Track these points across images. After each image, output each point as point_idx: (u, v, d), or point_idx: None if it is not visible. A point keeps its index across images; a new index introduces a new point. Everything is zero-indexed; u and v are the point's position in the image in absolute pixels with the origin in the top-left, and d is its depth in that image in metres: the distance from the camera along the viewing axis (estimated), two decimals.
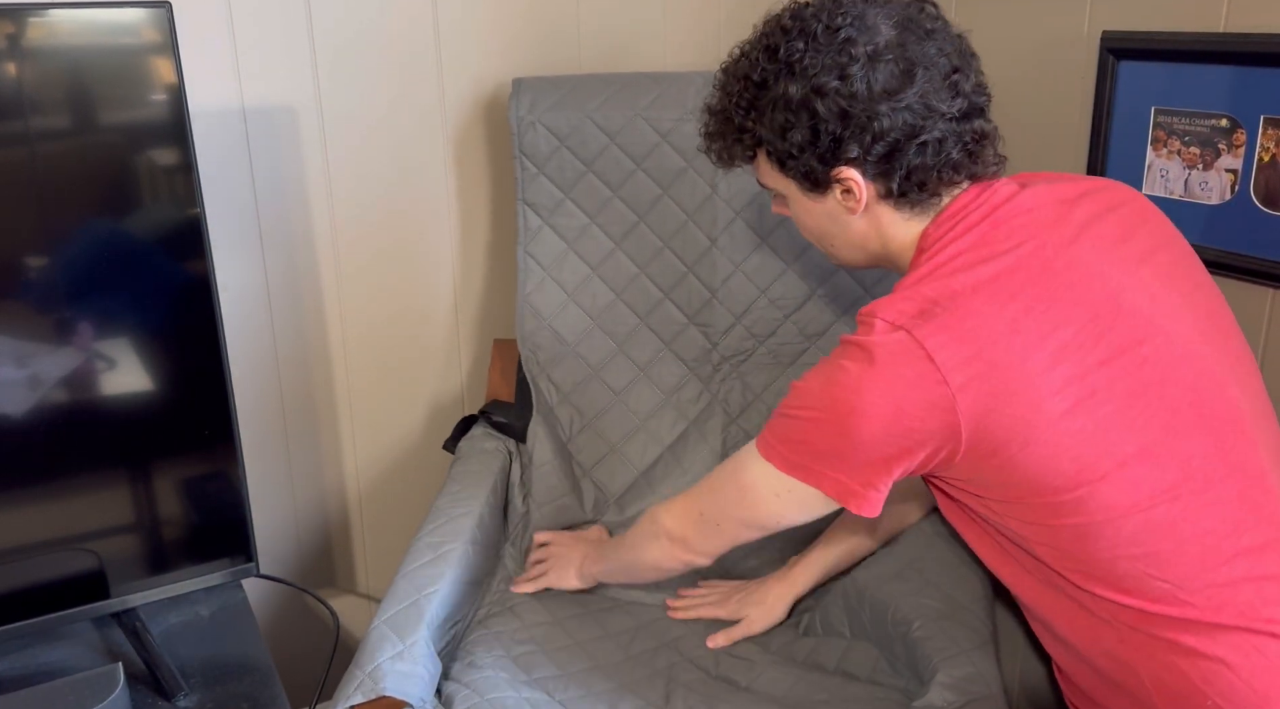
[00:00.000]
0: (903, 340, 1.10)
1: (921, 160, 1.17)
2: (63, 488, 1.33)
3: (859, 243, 1.28)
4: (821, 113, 1.16)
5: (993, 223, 1.18)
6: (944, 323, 1.10)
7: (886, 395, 1.10)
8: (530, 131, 1.75)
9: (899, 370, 1.10)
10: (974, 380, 1.09)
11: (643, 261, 1.79)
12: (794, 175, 1.24)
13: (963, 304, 1.11)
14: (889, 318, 1.13)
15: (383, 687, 1.27)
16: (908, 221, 1.24)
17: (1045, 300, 1.12)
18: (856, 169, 1.19)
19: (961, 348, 1.09)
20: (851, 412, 1.12)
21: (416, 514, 2.02)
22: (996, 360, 1.09)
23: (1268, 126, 1.41)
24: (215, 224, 1.70)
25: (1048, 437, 1.09)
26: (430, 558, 1.47)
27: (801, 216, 1.30)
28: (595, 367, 1.81)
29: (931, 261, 1.17)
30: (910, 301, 1.13)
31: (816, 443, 1.17)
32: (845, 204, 1.23)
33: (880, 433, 1.12)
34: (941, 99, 1.17)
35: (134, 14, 1.24)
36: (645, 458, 1.76)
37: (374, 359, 1.92)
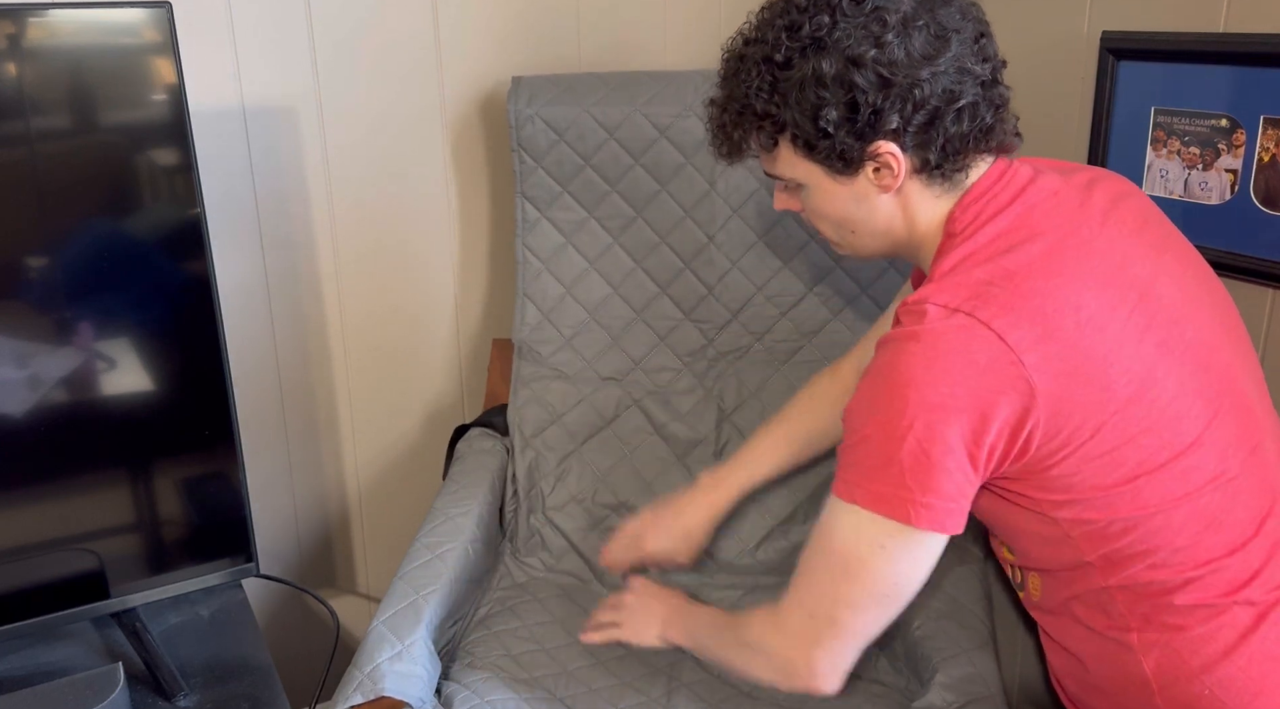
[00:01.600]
0: (966, 323, 1.05)
1: (958, 127, 1.12)
2: (63, 488, 1.33)
3: (883, 227, 1.21)
4: (860, 84, 1.09)
5: (1024, 204, 1.15)
6: (1007, 303, 1.06)
7: (964, 382, 1.04)
8: (529, 125, 1.74)
9: (970, 355, 1.04)
10: (1048, 361, 1.04)
11: (640, 256, 1.79)
12: (822, 158, 1.16)
13: (1022, 284, 1.07)
14: (943, 302, 1.07)
15: (381, 687, 1.27)
16: (937, 200, 1.18)
17: (1100, 281, 1.09)
18: (895, 142, 1.13)
19: (1031, 328, 1.05)
20: (930, 407, 1.05)
21: (416, 514, 2.02)
22: (1067, 341, 1.05)
23: (1267, 126, 1.41)
24: (215, 224, 1.70)
25: (1115, 423, 1.06)
26: (428, 558, 1.48)
27: (820, 204, 1.22)
28: (590, 359, 1.81)
29: (970, 243, 1.13)
30: (961, 285, 1.08)
31: (898, 458, 1.06)
32: (878, 182, 1.16)
33: (964, 426, 1.05)
34: (974, 62, 1.13)
35: (134, 14, 1.23)
36: (637, 439, 1.76)
37: (374, 359, 1.91)
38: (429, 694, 1.33)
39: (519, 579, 1.68)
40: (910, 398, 1.05)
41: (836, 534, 1.13)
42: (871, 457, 1.08)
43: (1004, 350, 1.04)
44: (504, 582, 1.66)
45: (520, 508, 1.74)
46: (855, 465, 1.10)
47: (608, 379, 1.80)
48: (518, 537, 1.72)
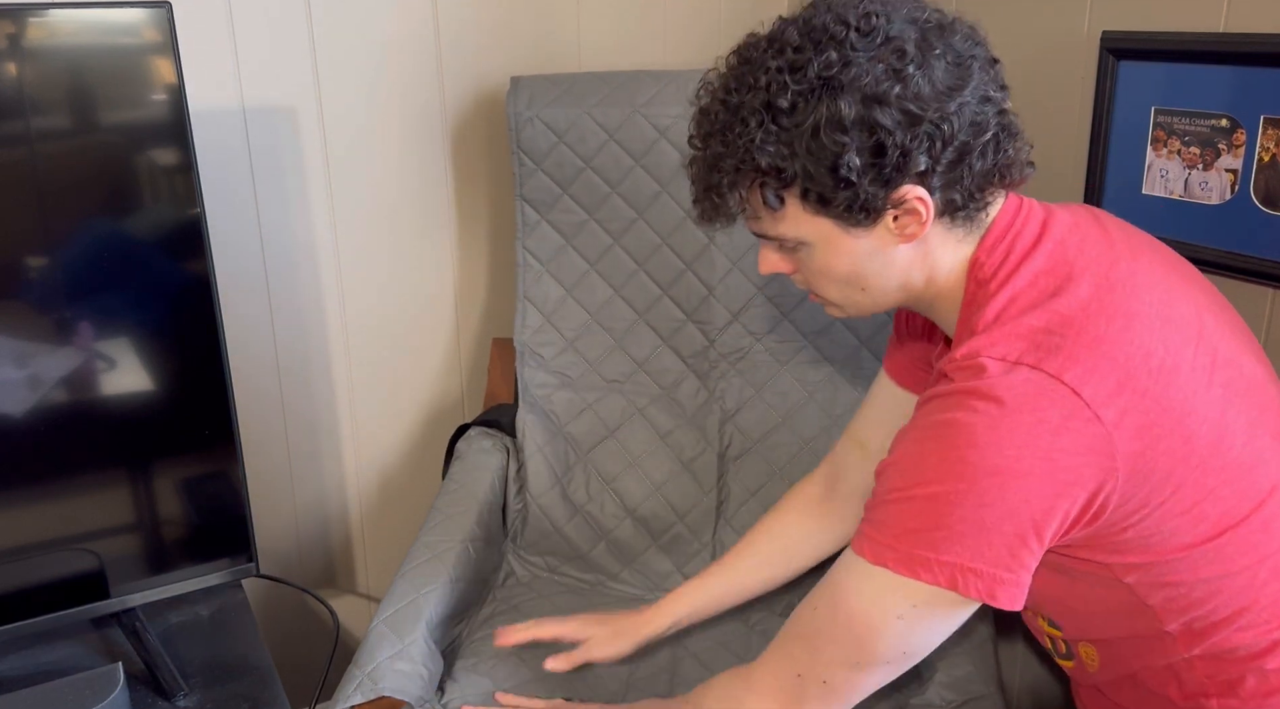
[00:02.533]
0: (1034, 378, 0.95)
1: (984, 163, 1.03)
2: (63, 488, 1.33)
3: (899, 280, 1.10)
4: (886, 124, 0.98)
5: (1052, 240, 1.06)
6: (1073, 353, 0.96)
7: (1033, 444, 0.93)
8: (528, 127, 1.74)
9: (1040, 413, 0.94)
10: (1126, 415, 0.95)
11: (641, 258, 1.79)
12: (839, 211, 1.03)
13: (1085, 330, 0.97)
14: (1001, 355, 0.97)
15: (381, 687, 1.27)
16: (959, 244, 1.08)
17: (1160, 319, 1.00)
18: (923, 185, 1.02)
19: (1105, 380, 0.95)
20: (993, 471, 0.94)
21: (417, 514, 2.02)
22: (1143, 391, 0.96)
23: (1268, 126, 1.41)
24: (215, 224, 1.70)
25: (1196, 477, 0.97)
26: (428, 557, 1.48)
27: (827, 261, 1.09)
28: (593, 361, 1.81)
29: (1008, 289, 1.03)
30: (1016, 335, 0.99)
31: (948, 523, 0.95)
32: (901, 231, 1.05)
33: (1031, 492, 0.94)
34: (993, 90, 1.04)
35: (134, 14, 1.23)
36: (640, 445, 1.76)
37: (374, 359, 1.92)
38: (430, 692, 1.33)
39: (523, 578, 1.68)
40: (970, 460, 0.95)
41: (852, 597, 1.02)
42: (913, 517, 0.97)
43: (1079, 406, 0.94)
44: (509, 581, 1.66)
45: (526, 511, 1.73)
46: (888, 525, 0.99)
47: (611, 382, 1.80)
48: (522, 537, 1.72)
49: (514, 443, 1.78)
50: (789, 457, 1.73)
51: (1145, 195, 1.56)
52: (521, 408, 1.79)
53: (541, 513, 1.73)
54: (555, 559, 1.71)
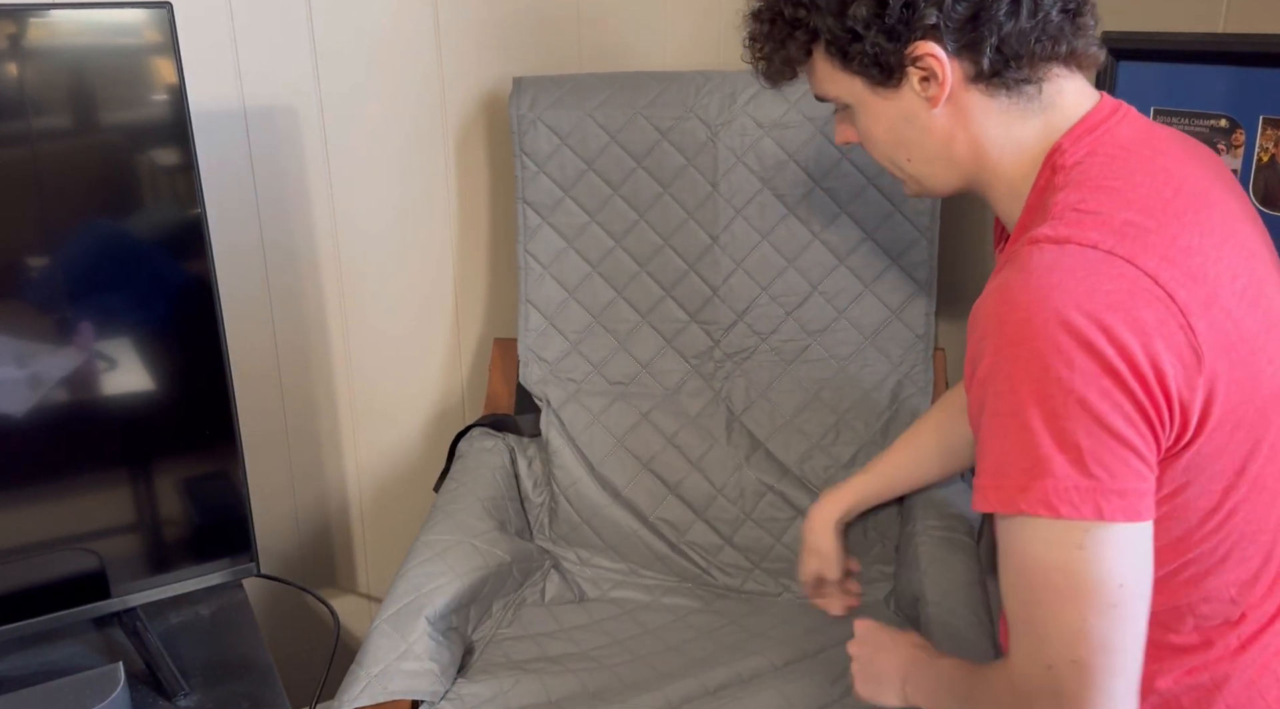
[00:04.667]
0: (1121, 266, 0.88)
1: (1014, 24, 0.96)
2: (63, 488, 1.33)
3: (943, 149, 1.05)
4: None
5: (1150, 147, 0.99)
6: (1166, 254, 0.89)
7: (1131, 330, 0.85)
8: (531, 130, 1.75)
9: (1134, 303, 0.86)
10: (1213, 330, 0.88)
11: (643, 259, 1.79)
12: (860, 67, 1.02)
13: (1178, 234, 0.91)
14: (1082, 239, 0.89)
15: (392, 689, 1.27)
16: (1008, 117, 1.01)
17: (1248, 252, 0.95)
18: (936, 42, 0.97)
19: (1196, 289, 0.89)
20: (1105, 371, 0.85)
21: (417, 514, 2.02)
22: (1228, 312, 0.90)
23: (1267, 127, 1.41)
24: (215, 224, 1.70)
25: (1257, 421, 0.92)
26: (429, 555, 1.48)
27: (871, 128, 1.07)
28: (597, 364, 1.81)
29: (1095, 177, 0.95)
30: (1098, 220, 0.91)
31: (1069, 437, 0.87)
32: (925, 93, 1.01)
33: (1133, 386, 0.86)
34: None
35: (134, 14, 1.24)
36: (649, 450, 1.76)
37: (374, 359, 1.92)
38: (444, 684, 1.33)
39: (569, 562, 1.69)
40: (1074, 360, 0.86)
41: (1020, 556, 0.92)
42: (1027, 449, 0.88)
43: (1174, 310, 0.87)
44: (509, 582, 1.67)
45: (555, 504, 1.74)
46: (1004, 468, 0.91)
47: (615, 384, 1.80)
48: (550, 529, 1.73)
49: (521, 442, 1.78)
50: (798, 456, 1.73)
51: None
52: (545, 408, 1.78)
53: (570, 508, 1.73)
54: (586, 551, 1.72)
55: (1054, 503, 0.87)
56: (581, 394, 1.80)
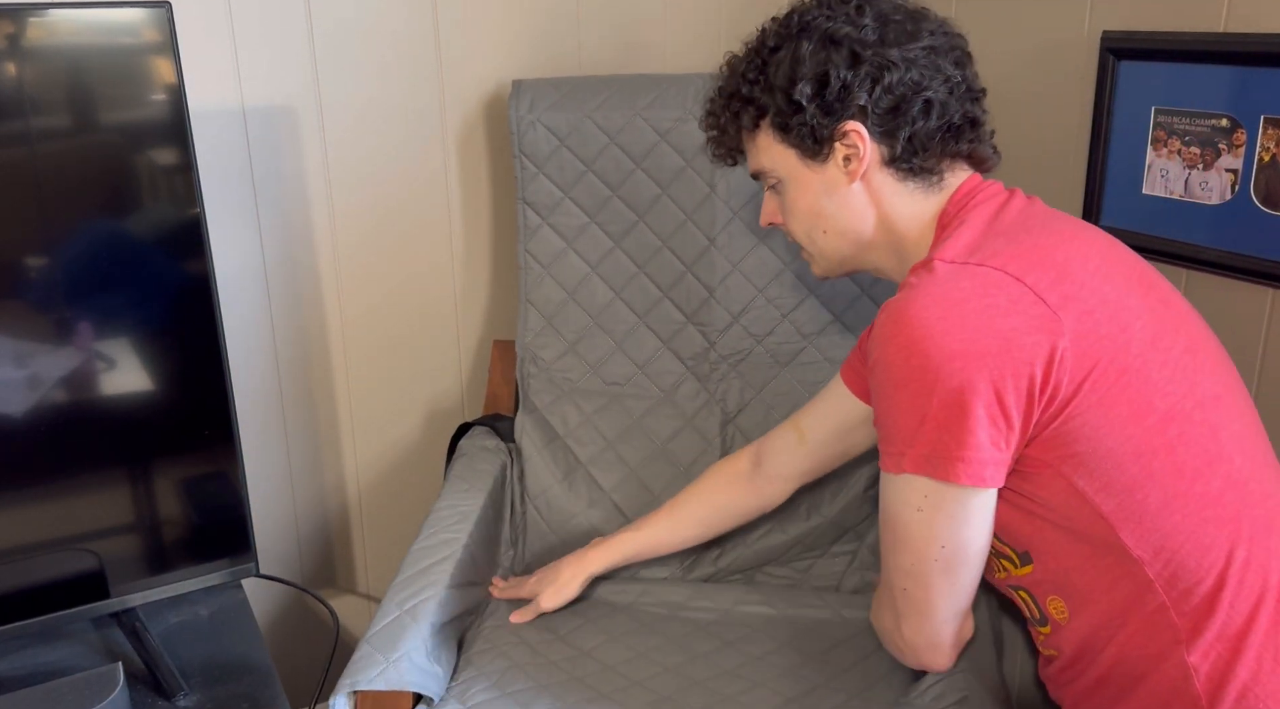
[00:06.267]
0: (978, 271, 1.08)
1: (925, 123, 1.19)
2: (63, 488, 1.33)
3: (854, 222, 1.26)
4: (834, 59, 1.18)
5: (1017, 200, 1.20)
6: (1016, 253, 1.09)
7: (984, 327, 1.05)
8: (530, 131, 1.75)
9: (989, 299, 1.06)
10: (1068, 301, 1.06)
11: (642, 260, 1.79)
12: (795, 139, 1.23)
13: (1026, 240, 1.11)
14: (950, 258, 1.11)
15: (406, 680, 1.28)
16: (913, 198, 1.23)
17: (1101, 250, 1.13)
18: (862, 123, 1.19)
19: (1045, 272, 1.07)
20: (949, 356, 1.05)
21: (416, 514, 2.02)
22: (1082, 283, 1.08)
23: (1268, 126, 1.41)
24: (215, 224, 1.70)
25: (1139, 366, 1.06)
26: (426, 565, 1.47)
27: (795, 198, 1.28)
28: (594, 364, 1.81)
29: (966, 227, 1.16)
30: (963, 246, 1.12)
31: (929, 415, 1.07)
32: (846, 169, 1.22)
33: (990, 368, 1.04)
34: (947, 63, 1.20)
35: (134, 14, 1.24)
36: (640, 454, 1.76)
37: (374, 359, 1.92)
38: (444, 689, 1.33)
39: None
40: (930, 350, 1.05)
41: (886, 505, 1.16)
42: (903, 420, 1.09)
43: (1024, 290, 1.06)
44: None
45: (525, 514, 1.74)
46: (886, 432, 1.12)
47: (611, 384, 1.80)
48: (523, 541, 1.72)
49: (515, 448, 1.78)
50: None
51: (1145, 195, 1.57)
52: (521, 410, 1.79)
53: (539, 516, 1.73)
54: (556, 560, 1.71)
55: (898, 460, 1.11)
56: (576, 394, 1.79)
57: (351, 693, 1.26)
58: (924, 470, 1.09)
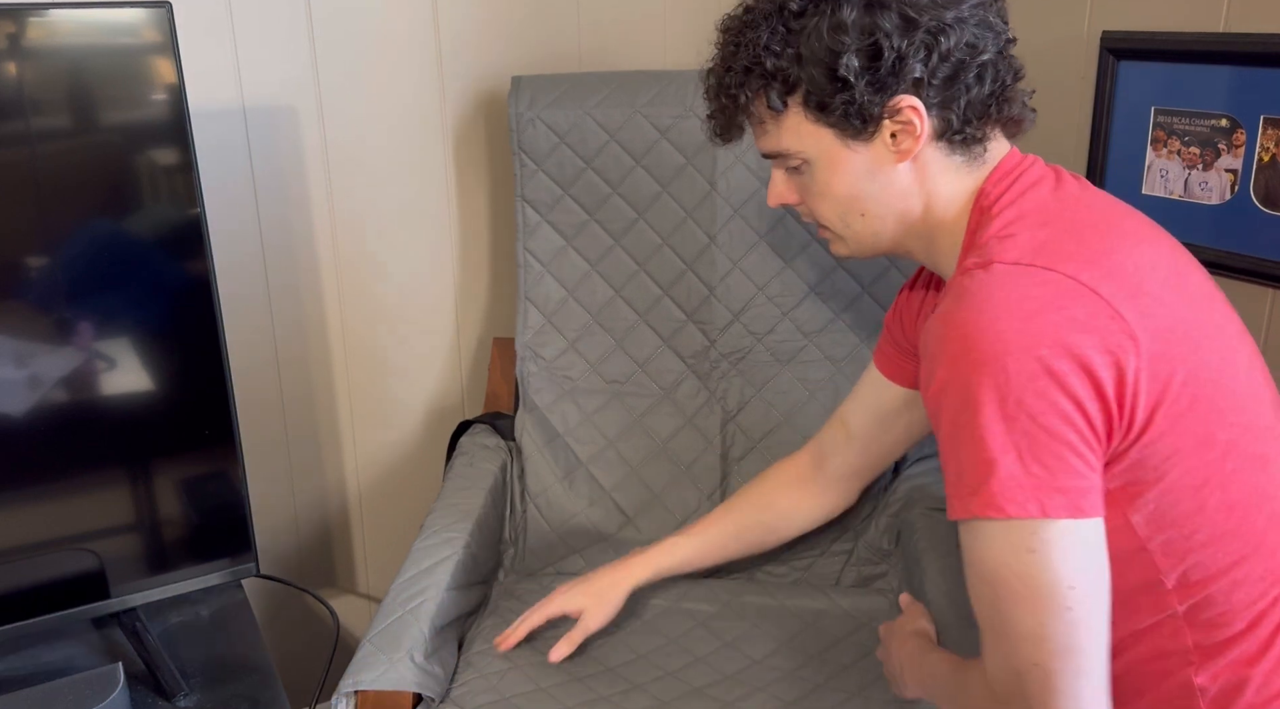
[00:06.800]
0: (1050, 277, 0.95)
1: (980, 89, 1.05)
2: (63, 488, 1.33)
3: (897, 204, 1.11)
4: (884, 27, 1.01)
5: (1059, 180, 1.08)
6: (1087, 257, 0.97)
7: (1061, 340, 0.92)
8: (529, 128, 1.74)
9: (1066, 310, 0.93)
10: (1144, 317, 0.94)
11: (642, 258, 1.79)
12: (836, 118, 1.06)
13: (1093, 240, 0.99)
14: (1012, 259, 0.97)
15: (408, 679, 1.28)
16: (957, 174, 1.09)
17: (1166, 249, 1.03)
18: (917, 96, 1.04)
19: (1119, 282, 0.95)
20: (1028, 375, 0.91)
21: (416, 513, 2.02)
22: (1155, 297, 0.96)
23: (1267, 126, 1.41)
24: (215, 224, 1.70)
25: (1209, 394, 0.96)
26: (427, 565, 1.47)
27: (828, 180, 1.11)
28: (594, 363, 1.81)
29: (1014, 209, 1.04)
30: (1023, 243, 0.99)
31: (1009, 445, 0.92)
32: (896, 147, 1.07)
33: (1072, 389, 0.92)
34: (994, 18, 1.06)
35: (134, 14, 1.23)
36: (640, 453, 1.76)
37: (374, 358, 1.92)
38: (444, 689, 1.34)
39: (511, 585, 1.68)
40: (1010, 369, 0.91)
41: (979, 561, 0.97)
42: (976, 455, 0.94)
43: (1100, 303, 0.94)
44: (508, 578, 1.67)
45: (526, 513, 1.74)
46: (962, 474, 0.95)
47: (612, 383, 1.80)
48: (523, 540, 1.72)
49: (515, 446, 1.79)
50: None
51: (1145, 195, 1.57)
52: (521, 409, 1.79)
53: (539, 515, 1.73)
54: (556, 559, 1.72)
55: (1000, 503, 0.93)
56: (576, 392, 1.79)
57: (353, 693, 1.26)
58: (1012, 511, 0.92)
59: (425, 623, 1.36)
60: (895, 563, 1.63)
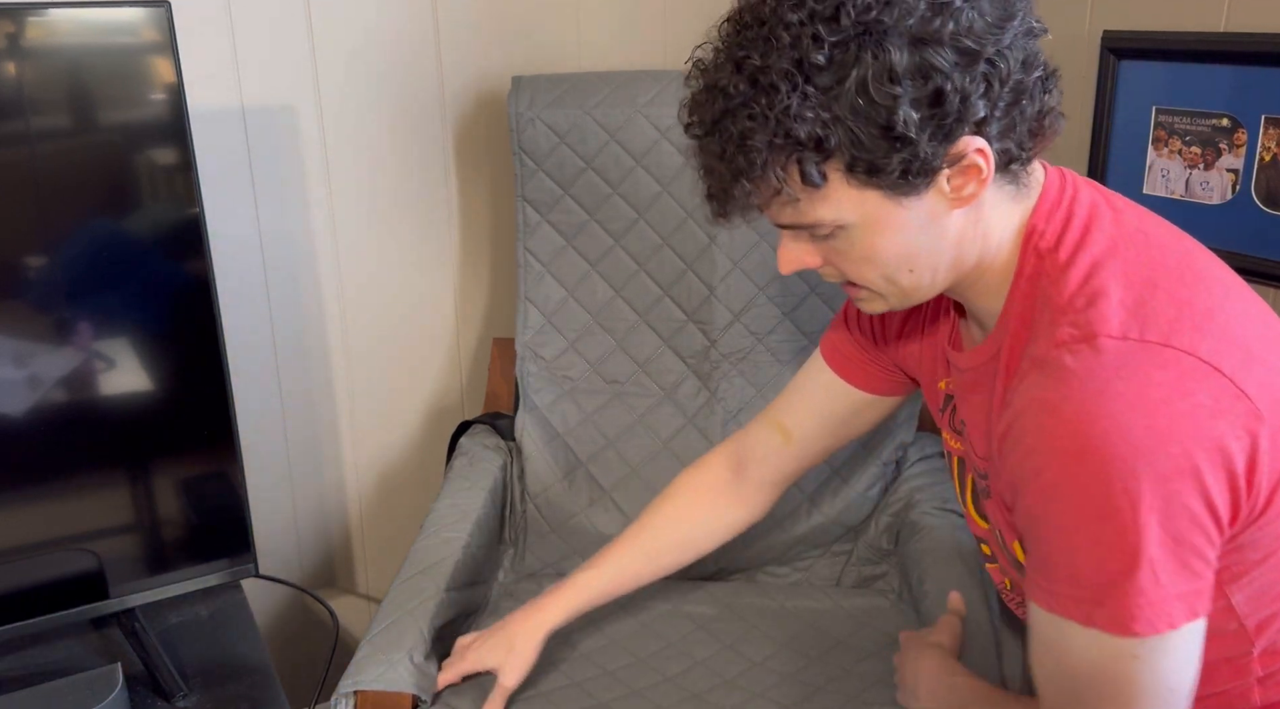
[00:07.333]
0: (1169, 355, 0.85)
1: (1033, 106, 0.91)
2: (62, 488, 1.33)
3: (951, 253, 0.96)
4: (941, 66, 0.85)
5: (1108, 206, 0.97)
6: (1197, 324, 0.86)
7: (1193, 434, 0.83)
8: (530, 128, 1.74)
9: (1194, 396, 0.83)
10: (1262, 388, 0.86)
11: (642, 259, 1.79)
12: (889, 180, 0.89)
13: (1194, 298, 0.88)
14: (1122, 331, 0.86)
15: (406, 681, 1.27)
16: (1009, 207, 0.96)
17: (1235, 286, 0.93)
18: (982, 134, 0.89)
19: (1234, 351, 0.86)
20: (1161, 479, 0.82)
21: (416, 513, 2.01)
22: (1264, 361, 0.88)
23: (1268, 126, 1.41)
24: (214, 223, 1.70)
25: None
26: (426, 565, 1.47)
27: (873, 243, 0.94)
28: (594, 363, 1.81)
29: (1085, 256, 0.92)
30: (1124, 307, 0.88)
31: (1143, 557, 0.83)
32: (957, 193, 0.91)
33: (1205, 489, 0.83)
34: (1034, 21, 0.92)
35: (133, 14, 1.23)
36: (642, 453, 1.76)
37: (374, 358, 1.91)
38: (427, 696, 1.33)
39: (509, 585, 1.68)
40: (1140, 471, 0.82)
41: (1067, 655, 0.90)
42: (1101, 564, 0.85)
43: (1225, 383, 0.84)
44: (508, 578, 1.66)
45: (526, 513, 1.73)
46: (1078, 579, 0.87)
47: (612, 383, 1.80)
48: (524, 540, 1.72)
49: (515, 446, 1.78)
50: None
51: (1146, 195, 1.56)
52: (521, 408, 1.79)
53: (539, 515, 1.73)
54: (556, 559, 1.71)
55: (1126, 622, 0.85)
56: (576, 392, 1.79)
57: (352, 693, 1.26)
58: (1135, 629, 0.85)
59: (425, 623, 1.36)
60: (895, 563, 1.63)
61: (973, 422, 1.07)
